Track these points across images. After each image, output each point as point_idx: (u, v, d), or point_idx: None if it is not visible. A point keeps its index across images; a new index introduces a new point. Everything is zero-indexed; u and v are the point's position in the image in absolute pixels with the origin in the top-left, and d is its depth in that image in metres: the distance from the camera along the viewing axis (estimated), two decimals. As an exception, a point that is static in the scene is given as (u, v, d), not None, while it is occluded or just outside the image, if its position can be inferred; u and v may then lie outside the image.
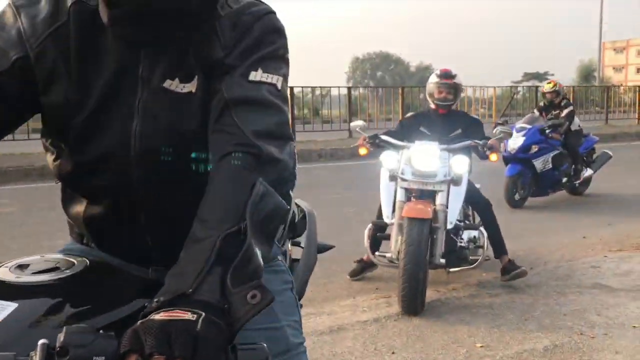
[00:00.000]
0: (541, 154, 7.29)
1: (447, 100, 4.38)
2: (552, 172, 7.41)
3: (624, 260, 4.78)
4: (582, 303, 3.74)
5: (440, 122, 4.38)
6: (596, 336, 3.22)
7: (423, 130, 4.34)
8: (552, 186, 7.59)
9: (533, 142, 7.24)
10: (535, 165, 7.24)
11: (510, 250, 5.36)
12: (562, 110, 7.75)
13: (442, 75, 4.47)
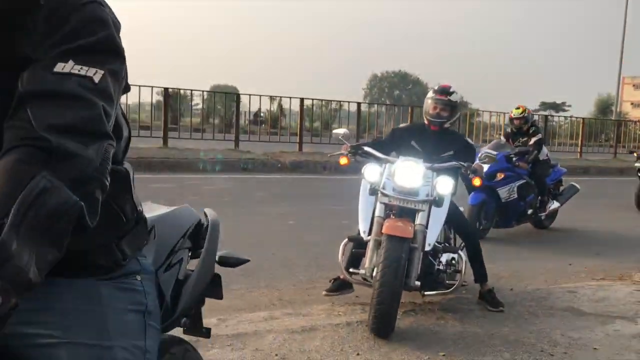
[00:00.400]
0: (506, 183, 6.90)
1: (440, 117, 4.17)
2: (517, 202, 7.01)
3: (603, 288, 4.88)
4: (551, 323, 3.85)
5: (433, 140, 4.19)
6: (555, 354, 3.33)
7: (414, 145, 4.17)
8: (517, 217, 7.19)
9: (498, 170, 6.81)
10: (500, 194, 6.84)
11: (494, 271, 5.53)
12: (531, 137, 7.36)
13: (439, 90, 4.28)
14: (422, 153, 4.03)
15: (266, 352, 3.14)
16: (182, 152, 12.44)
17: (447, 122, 4.21)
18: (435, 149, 4.12)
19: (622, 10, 32.82)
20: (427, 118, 4.25)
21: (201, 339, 3.21)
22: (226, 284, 4.63)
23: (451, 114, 4.20)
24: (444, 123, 4.20)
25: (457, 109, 4.28)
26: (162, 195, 8.41)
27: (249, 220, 7.11)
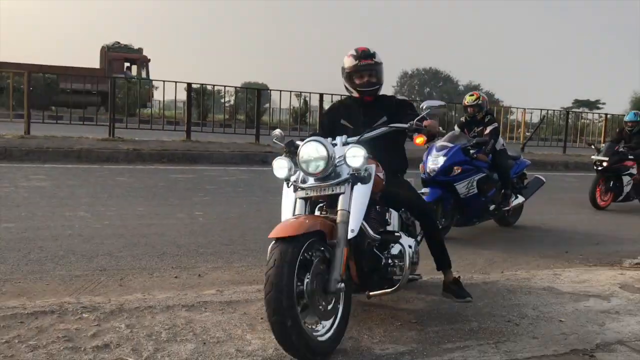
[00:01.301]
0: (465, 177, 6.36)
1: (371, 84, 3.68)
2: (477, 197, 6.50)
3: (588, 272, 5.07)
4: (525, 300, 4.08)
5: (362, 112, 3.76)
6: (521, 324, 3.57)
7: (344, 124, 3.75)
8: (479, 214, 6.74)
9: (455, 163, 6.31)
10: (458, 190, 6.32)
11: (488, 256, 5.80)
12: (486, 126, 7.00)
13: (361, 55, 3.67)
14: (352, 130, 3.60)
15: (252, 316, 3.46)
16: (204, 145, 12.88)
17: (380, 87, 3.75)
18: (366, 120, 3.68)
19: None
20: (357, 91, 3.73)
21: (195, 303, 3.57)
22: (229, 262, 5.04)
23: (380, 78, 3.72)
24: (378, 90, 3.75)
25: (383, 70, 3.71)
26: (180, 185, 8.86)
27: (260, 208, 7.46)
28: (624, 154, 9.49)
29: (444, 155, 6.34)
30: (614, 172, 9.34)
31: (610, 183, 9.40)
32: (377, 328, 3.38)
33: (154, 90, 20.32)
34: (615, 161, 9.31)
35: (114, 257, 4.92)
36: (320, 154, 3.11)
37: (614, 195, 9.43)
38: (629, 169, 9.44)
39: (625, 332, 3.54)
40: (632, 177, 9.48)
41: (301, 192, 3.23)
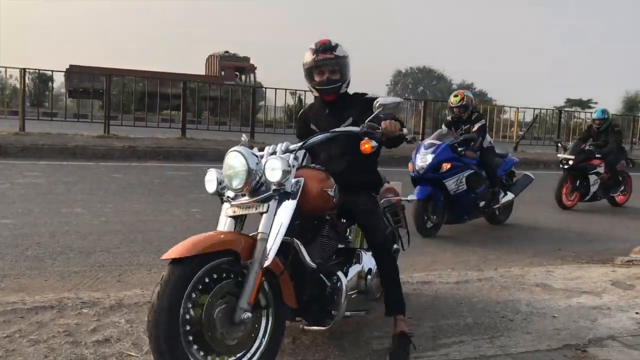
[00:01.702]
0: (454, 174, 6.41)
1: (332, 81, 3.17)
2: (467, 194, 6.54)
3: (581, 269, 5.15)
4: (519, 296, 4.15)
5: (327, 114, 3.29)
6: (515, 320, 3.64)
7: (313, 128, 3.31)
8: (469, 211, 6.77)
9: (443, 160, 6.38)
10: (447, 186, 6.37)
11: (481, 254, 5.86)
12: (474, 124, 7.08)
13: (320, 49, 3.15)
14: (320, 133, 3.11)
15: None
16: (199, 143, 12.90)
17: (343, 84, 3.21)
18: (331, 123, 3.18)
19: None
20: (315, 89, 3.23)
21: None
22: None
23: (344, 74, 3.20)
24: (340, 87, 3.20)
25: (348, 65, 3.22)
26: (176, 182, 8.88)
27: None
28: (591, 152, 9.26)
29: (432, 152, 6.41)
30: (581, 171, 9.10)
31: (577, 182, 9.17)
32: (374, 323, 3.43)
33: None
34: (581, 159, 9.06)
35: (111, 254, 4.94)
36: (239, 166, 2.70)
37: (581, 194, 9.20)
38: (595, 167, 9.18)
39: (617, 327, 3.60)
40: (599, 176, 9.24)
41: (229, 209, 2.83)
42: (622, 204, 9.80)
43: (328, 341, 3.12)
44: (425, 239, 6.33)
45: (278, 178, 2.66)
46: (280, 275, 2.65)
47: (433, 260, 5.50)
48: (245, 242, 2.58)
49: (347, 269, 3.07)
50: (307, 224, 2.98)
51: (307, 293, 2.86)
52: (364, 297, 3.20)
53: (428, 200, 6.35)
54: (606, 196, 9.56)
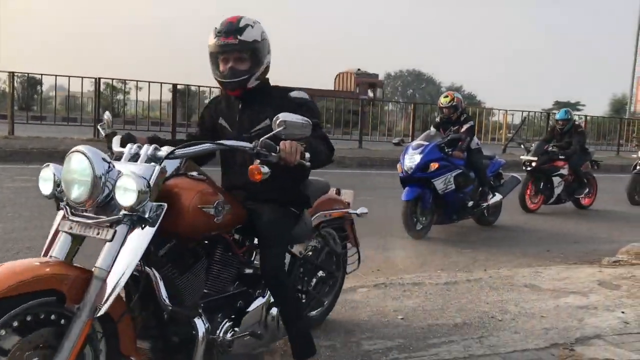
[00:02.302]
0: (442, 173, 6.48)
1: (236, 73, 2.57)
2: (455, 193, 6.61)
3: (570, 270, 5.21)
4: (508, 296, 4.20)
5: (240, 111, 2.73)
6: (504, 320, 3.69)
7: (223, 124, 2.77)
8: (458, 211, 6.84)
9: (431, 160, 6.43)
10: (436, 186, 6.42)
11: (471, 255, 5.92)
12: (462, 125, 7.05)
13: (223, 31, 2.54)
14: (231, 134, 2.68)
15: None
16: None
17: (252, 77, 2.60)
18: (244, 123, 2.69)
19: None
20: (217, 81, 2.65)
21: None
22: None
23: (255, 64, 2.59)
24: (246, 81, 2.59)
25: (261, 51, 2.60)
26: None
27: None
28: (555, 153, 9.02)
29: (420, 152, 6.47)
30: (544, 172, 8.90)
31: (540, 185, 8.95)
32: (365, 324, 3.47)
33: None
34: (544, 161, 8.87)
35: (102, 257, 4.94)
36: (82, 173, 2.06)
37: (545, 197, 9.00)
38: (559, 169, 8.99)
39: (603, 326, 3.67)
40: (562, 178, 9.04)
41: (65, 224, 2.16)
42: (588, 207, 9.59)
43: (319, 342, 3.16)
44: (415, 240, 6.38)
45: (130, 203, 2.02)
46: (119, 320, 2.06)
47: (423, 262, 5.55)
48: (77, 278, 1.98)
49: (247, 302, 2.60)
50: (186, 248, 2.37)
51: (164, 338, 2.33)
52: (257, 341, 2.62)
53: (417, 201, 6.40)
54: (571, 198, 9.37)
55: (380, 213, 6.42)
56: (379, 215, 7.54)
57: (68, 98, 15.80)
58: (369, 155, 13.88)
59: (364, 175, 11.76)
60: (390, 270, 5.17)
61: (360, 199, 3.99)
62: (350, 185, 4.44)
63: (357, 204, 3.55)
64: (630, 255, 5.83)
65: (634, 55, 36.36)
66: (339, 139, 15.35)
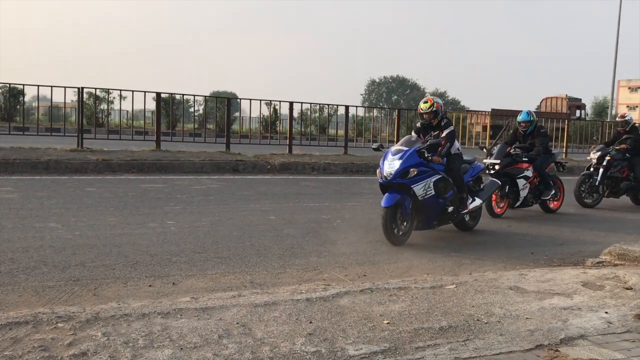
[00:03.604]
0: (421, 179, 6.45)
1: None
2: (435, 199, 6.59)
3: (554, 271, 5.24)
4: (492, 299, 4.22)
5: None
6: (490, 322, 3.70)
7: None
8: (438, 216, 6.80)
9: (411, 165, 6.40)
10: (416, 192, 6.39)
11: (456, 258, 5.94)
12: (443, 130, 6.98)
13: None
14: None
15: (228, 321, 3.51)
16: (174, 155, 12.84)
17: None
18: None
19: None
20: None
21: (170, 311, 3.61)
22: (203, 269, 5.10)
23: None
24: None
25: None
26: (151, 194, 8.83)
27: (232, 216, 7.50)
28: (518, 155, 9.00)
29: (399, 158, 6.44)
30: (508, 175, 8.85)
31: (506, 188, 8.84)
32: (351, 329, 3.46)
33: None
34: (507, 164, 8.84)
35: (86, 268, 4.91)
36: None
37: (511, 200, 8.96)
38: (523, 171, 8.96)
39: (588, 327, 3.69)
40: (527, 180, 9.01)
41: None
42: (555, 210, 9.57)
43: (304, 348, 3.15)
44: (401, 245, 6.39)
45: None
46: None
47: (409, 266, 5.56)
48: None
49: None
50: None
51: None
52: None
53: (397, 207, 6.34)
54: (537, 201, 9.36)
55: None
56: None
57: (51, 108, 15.68)
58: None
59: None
60: (376, 275, 5.18)
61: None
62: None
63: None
64: (613, 256, 5.89)
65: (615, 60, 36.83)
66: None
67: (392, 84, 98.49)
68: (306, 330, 3.40)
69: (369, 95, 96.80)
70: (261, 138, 16.38)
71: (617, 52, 36.43)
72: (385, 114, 21.17)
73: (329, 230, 6.96)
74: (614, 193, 10.67)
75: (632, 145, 10.62)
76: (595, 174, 10.41)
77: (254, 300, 3.94)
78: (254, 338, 3.25)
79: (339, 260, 5.63)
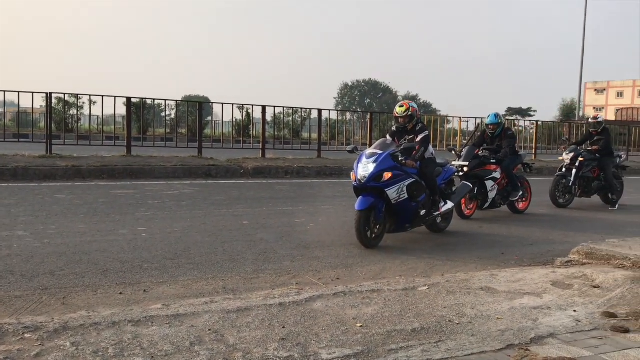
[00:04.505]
0: (395, 183, 6.46)
1: None
2: (408, 202, 6.61)
3: (524, 271, 5.32)
4: (464, 300, 4.26)
5: None
6: (461, 323, 3.73)
7: None
8: (410, 220, 6.82)
9: (385, 169, 6.42)
10: (389, 195, 6.42)
11: (428, 260, 5.99)
12: (418, 135, 7.05)
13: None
14: None
15: (200, 328, 3.48)
16: (145, 160, 12.70)
17: None
18: None
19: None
20: None
21: (141, 318, 3.57)
22: (174, 276, 5.04)
23: None
24: None
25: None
26: (122, 200, 8.71)
27: (204, 221, 7.44)
28: (486, 157, 9.12)
29: (373, 162, 6.45)
30: (477, 177, 8.95)
31: (474, 190, 8.91)
32: (324, 333, 3.46)
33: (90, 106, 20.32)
34: (475, 165, 8.94)
35: (55, 276, 4.82)
36: None
37: (479, 202, 9.06)
38: (491, 173, 9.08)
39: (557, 325, 3.75)
40: (495, 182, 9.11)
41: None
42: (523, 211, 9.70)
43: (277, 353, 3.13)
44: (374, 248, 6.42)
45: None
46: None
47: (382, 269, 5.59)
48: None
49: None
50: None
51: None
52: None
53: (370, 210, 6.36)
54: (506, 202, 9.46)
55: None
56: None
57: (19, 114, 15.39)
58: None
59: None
60: (349, 278, 5.19)
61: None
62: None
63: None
64: (581, 255, 6.00)
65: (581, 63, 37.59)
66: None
67: (365, 88, 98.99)
68: (279, 335, 3.39)
69: (342, 98, 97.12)
70: (234, 142, 16.29)
71: (583, 55, 37.22)
72: (358, 118, 21.27)
73: (303, 234, 6.95)
74: (586, 193, 10.89)
75: (604, 147, 10.87)
76: (568, 174, 10.62)
77: (226, 307, 3.92)
78: (226, 344, 3.23)
79: (313, 264, 5.63)
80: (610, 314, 4.01)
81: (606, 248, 6.03)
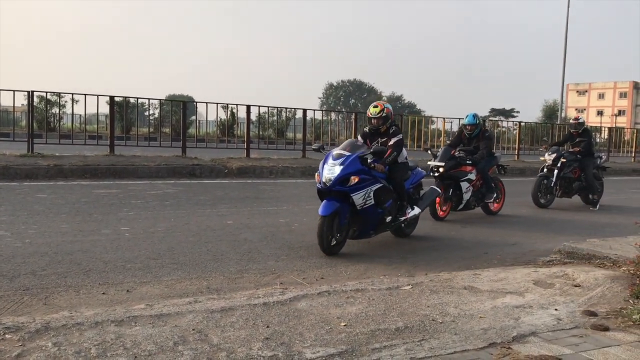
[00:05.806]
0: (362, 187, 6.08)
1: None
2: (374, 209, 6.26)
3: (507, 271, 5.37)
4: (447, 299, 4.29)
5: None
6: (445, 322, 3.76)
7: None
8: (375, 226, 6.48)
9: (352, 172, 6.02)
10: (355, 201, 6.04)
11: (412, 260, 6.03)
12: (390, 138, 6.75)
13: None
14: None
15: (184, 328, 3.47)
16: (128, 159, 12.61)
17: None
18: None
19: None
20: None
21: (124, 318, 3.54)
22: (158, 276, 5.01)
23: None
24: None
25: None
26: (105, 200, 8.64)
27: (188, 221, 7.41)
28: (462, 158, 8.98)
29: (340, 164, 6.05)
30: (452, 178, 8.85)
31: (449, 191, 8.86)
32: (308, 333, 3.47)
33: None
34: (451, 166, 8.81)
35: (37, 276, 4.77)
36: None
37: (453, 203, 8.98)
38: (467, 174, 8.96)
39: (538, 324, 3.80)
40: (471, 183, 9.03)
41: None
42: (496, 212, 9.69)
43: (262, 352, 3.14)
44: (358, 247, 6.43)
45: None
46: None
47: (366, 268, 5.61)
48: None
49: None
50: None
51: None
52: None
53: (334, 216, 5.96)
54: (480, 204, 9.42)
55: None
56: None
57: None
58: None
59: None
60: (333, 277, 5.20)
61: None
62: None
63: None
64: (563, 255, 6.07)
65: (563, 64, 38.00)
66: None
67: (350, 88, 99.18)
68: (263, 335, 3.39)
69: (327, 98, 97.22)
70: (218, 142, 16.22)
71: (565, 57, 37.61)
72: (343, 118, 21.31)
73: (287, 234, 6.95)
74: (567, 193, 11.01)
75: (585, 148, 11.00)
76: (550, 175, 10.73)
77: (210, 306, 3.91)
78: (210, 344, 3.22)
79: (297, 264, 5.63)
80: (590, 312, 4.07)
81: (587, 247, 6.11)
